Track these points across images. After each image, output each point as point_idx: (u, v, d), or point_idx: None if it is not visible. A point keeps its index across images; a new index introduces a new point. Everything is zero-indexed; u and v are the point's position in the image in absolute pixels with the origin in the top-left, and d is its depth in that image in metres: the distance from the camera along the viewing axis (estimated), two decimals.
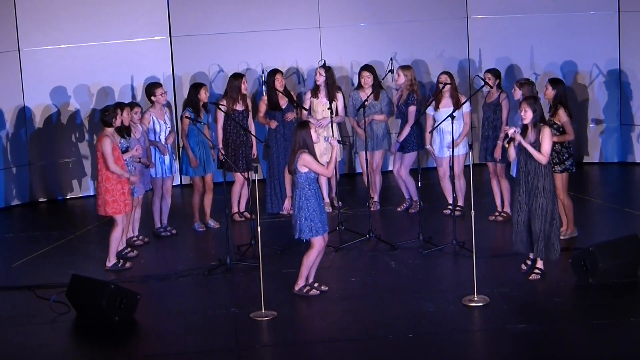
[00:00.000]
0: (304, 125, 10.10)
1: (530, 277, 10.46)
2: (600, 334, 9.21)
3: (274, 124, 12.80)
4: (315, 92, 12.99)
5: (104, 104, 13.60)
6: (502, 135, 11.77)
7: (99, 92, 14.25)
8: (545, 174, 10.32)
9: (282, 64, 14.25)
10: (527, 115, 10.29)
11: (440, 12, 14.75)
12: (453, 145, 11.74)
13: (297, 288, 10.32)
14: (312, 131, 10.02)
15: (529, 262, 10.59)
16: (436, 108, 12.49)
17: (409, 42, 14.66)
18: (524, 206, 10.41)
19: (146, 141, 11.95)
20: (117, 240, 11.30)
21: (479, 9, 14.78)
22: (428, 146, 12.62)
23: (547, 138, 10.27)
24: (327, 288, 10.35)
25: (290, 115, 12.80)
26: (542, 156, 10.24)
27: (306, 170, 10.02)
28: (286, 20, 14.58)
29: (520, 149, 10.34)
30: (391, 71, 12.82)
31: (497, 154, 12.07)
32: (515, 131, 10.27)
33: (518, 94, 11.58)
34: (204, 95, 12.43)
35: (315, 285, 10.35)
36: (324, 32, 14.66)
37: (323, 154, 12.39)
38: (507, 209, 12.34)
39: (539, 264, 10.49)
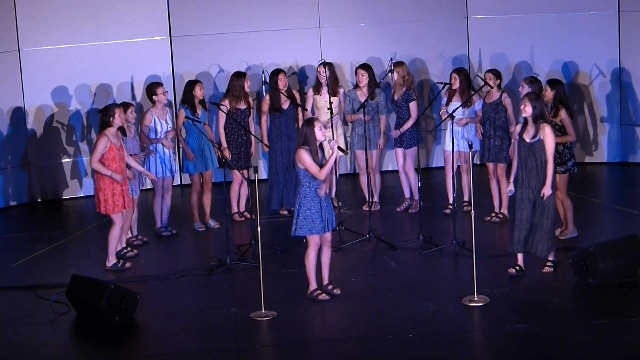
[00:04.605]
0: (309, 122, 10.06)
1: (545, 270, 10.54)
2: (600, 334, 9.21)
3: (265, 149, 12.82)
4: (317, 88, 13.01)
5: (104, 104, 13.59)
6: (516, 130, 11.41)
7: (99, 92, 14.25)
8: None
9: (282, 64, 14.25)
10: (527, 109, 10.33)
11: (440, 12, 14.75)
12: (452, 142, 11.75)
13: (308, 292, 10.26)
14: (317, 129, 9.99)
15: (517, 267, 10.59)
16: (447, 103, 12.51)
17: (409, 42, 14.66)
18: (528, 203, 10.40)
19: (138, 141, 11.93)
20: (115, 240, 11.29)
21: (479, 9, 14.78)
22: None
23: (549, 136, 10.31)
24: (339, 291, 10.28)
25: None
26: (551, 156, 10.31)
27: (303, 167, 10.03)
28: (286, 20, 14.57)
29: (522, 146, 10.35)
30: (391, 71, 12.82)
31: (512, 151, 11.91)
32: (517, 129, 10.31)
33: (527, 91, 11.41)
34: (199, 92, 12.42)
35: (329, 287, 10.29)
36: (324, 32, 14.66)
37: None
38: (504, 210, 12.34)
39: (552, 256, 10.58)
